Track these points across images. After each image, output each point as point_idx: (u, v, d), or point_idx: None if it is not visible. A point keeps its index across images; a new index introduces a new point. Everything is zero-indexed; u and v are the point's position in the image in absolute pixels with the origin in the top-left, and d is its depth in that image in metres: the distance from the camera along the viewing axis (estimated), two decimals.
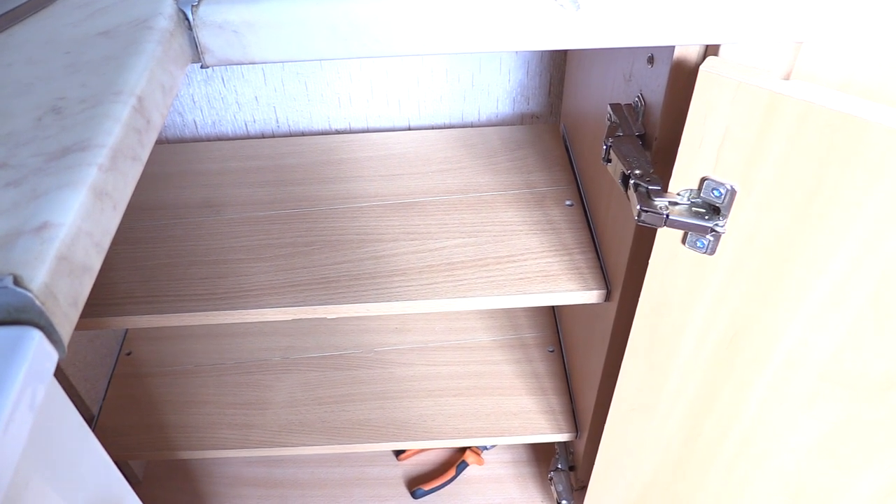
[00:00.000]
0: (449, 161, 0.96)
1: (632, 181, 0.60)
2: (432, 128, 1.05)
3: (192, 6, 0.47)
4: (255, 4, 0.48)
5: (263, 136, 1.07)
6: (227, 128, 1.06)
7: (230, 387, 1.05)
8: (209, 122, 1.05)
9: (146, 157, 0.41)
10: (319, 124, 1.06)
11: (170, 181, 0.95)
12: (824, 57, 0.54)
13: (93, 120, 0.38)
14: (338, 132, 1.05)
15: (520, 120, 1.06)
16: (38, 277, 0.30)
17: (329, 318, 0.82)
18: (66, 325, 0.32)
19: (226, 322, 0.82)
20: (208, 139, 1.07)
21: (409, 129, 1.05)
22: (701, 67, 0.51)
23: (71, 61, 0.43)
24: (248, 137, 1.07)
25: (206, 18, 0.48)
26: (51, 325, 0.30)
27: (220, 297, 0.81)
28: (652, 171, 0.59)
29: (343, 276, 0.82)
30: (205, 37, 0.49)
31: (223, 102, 1.03)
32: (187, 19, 0.48)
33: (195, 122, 1.05)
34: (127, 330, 1.12)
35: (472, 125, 1.06)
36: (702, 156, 0.55)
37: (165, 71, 0.45)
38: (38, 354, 0.29)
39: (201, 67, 0.51)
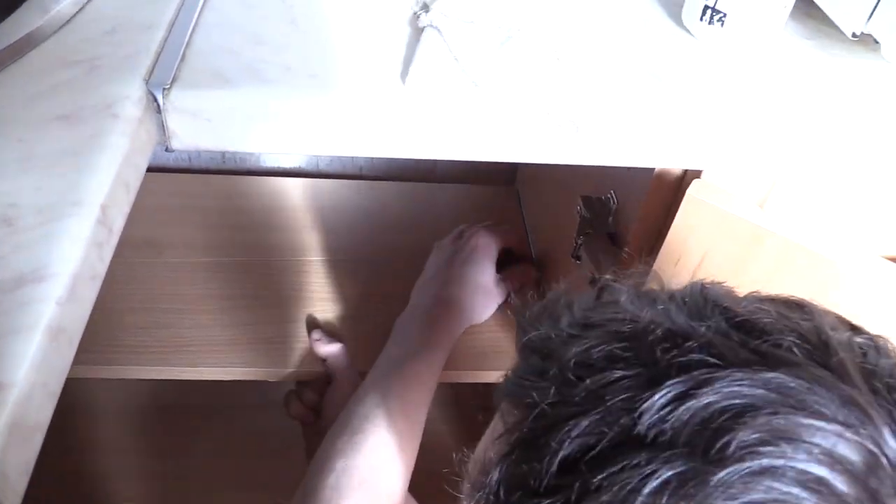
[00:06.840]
0: (403, 218, 0.94)
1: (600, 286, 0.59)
2: (387, 179, 1.02)
3: (164, 89, 0.44)
4: (231, 95, 0.44)
5: (208, 171, 1.01)
6: (168, 158, 1.00)
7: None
8: None
9: (105, 271, 0.37)
10: (268, 163, 1.01)
11: None
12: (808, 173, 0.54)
13: (51, 238, 0.34)
14: (286, 174, 1.00)
15: (476, 179, 1.03)
16: None
17: (270, 380, 0.78)
18: (14, 498, 0.28)
19: (159, 378, 0.77)
20: (147, 170, 1.00)
21: (362, 177, 1.02)
22: (688, 191, 0.50)
23: (24, 153, 0.38)
24: (191, 170, 1.01)
25: (178, 104, 0.44)
26: None
27: (155, 350, 0.76)
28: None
29: (289, 338, 0.78)
30: (174, 122, 0.45)
31: None
32: (156, 102, 0.44)
33: None
34: None
35: (425, 180, 1.03)
36: (677, 272, 0.54)
37: (131, 165, 0.41)
38: None
39: (166, 150, 0.47)
